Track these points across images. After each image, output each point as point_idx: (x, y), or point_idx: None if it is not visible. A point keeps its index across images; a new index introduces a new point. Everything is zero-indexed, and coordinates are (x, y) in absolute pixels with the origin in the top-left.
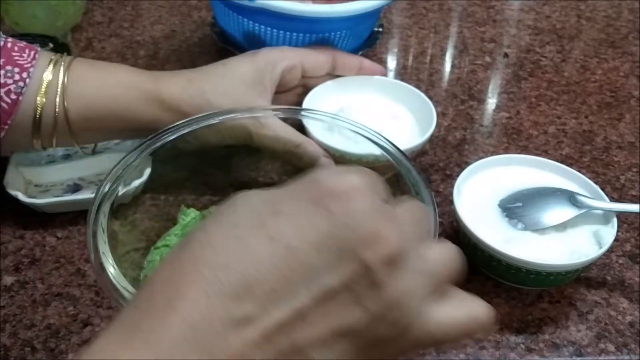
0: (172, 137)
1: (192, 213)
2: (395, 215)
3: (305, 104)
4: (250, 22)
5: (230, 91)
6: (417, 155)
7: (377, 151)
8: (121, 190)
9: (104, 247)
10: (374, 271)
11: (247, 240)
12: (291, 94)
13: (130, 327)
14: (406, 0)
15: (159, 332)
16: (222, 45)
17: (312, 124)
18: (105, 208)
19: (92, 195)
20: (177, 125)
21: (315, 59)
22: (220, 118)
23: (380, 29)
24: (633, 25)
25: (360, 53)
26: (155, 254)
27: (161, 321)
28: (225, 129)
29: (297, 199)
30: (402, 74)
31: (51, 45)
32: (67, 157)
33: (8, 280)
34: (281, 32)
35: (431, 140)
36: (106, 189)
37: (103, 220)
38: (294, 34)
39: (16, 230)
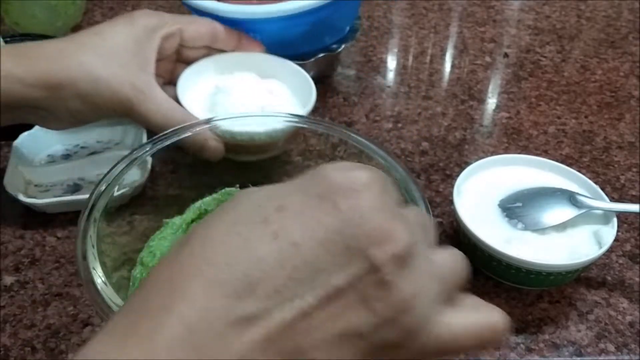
0: (173, 140)
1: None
2: (404, 215)
3: (179, 84)
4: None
5: (110, 62)
6: (418, 155)
7: (264, 129)
8: (116, 192)
9: (93, 252)
10: (382, 270)
11: (249, 237)
12: (165, 61)
13: (124, 328)
14: (406, 0)
15: (154, 334)
16: None
17: (189, 101)
18: (100, 207)
19: None
20: (178, 128)
21: (195, 29)
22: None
23: (355, 31)
24: (633, 25)
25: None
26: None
27: (156, 322)
28: (100, 98)
29: (302, 194)
30: (402, 74)
31: None
32: (67, 157)
33: (8, 280)
34: None
35: (431, 140)
36: (102, 188)
37: (94, 224)
38: None
39: (16, 230)
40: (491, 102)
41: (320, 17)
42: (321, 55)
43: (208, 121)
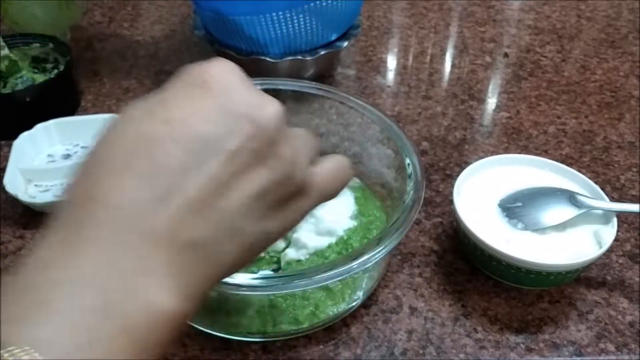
0: None
1: None
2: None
3: None
4: None
5: None
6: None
7: None
8: None
9: None
10: (268, 129)
11: (143, 129)
12: None
13: (61, 230)
14: (406, 0)
15: (86, 222)
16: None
17: None
18: None
19: None
20: None
21: None
22: None
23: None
24: (633, 25)
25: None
26: None
27: (86, 211)
28: None
29: (178, 88)
30: (402, 73)
31: (51, 45)
32: (67, 157)
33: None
34: None
35: (431, 140)
36: None
37: None
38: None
39: (16, 230)
40: (491, 102)
41: (322, 12)
42: (323, 52)
43: None
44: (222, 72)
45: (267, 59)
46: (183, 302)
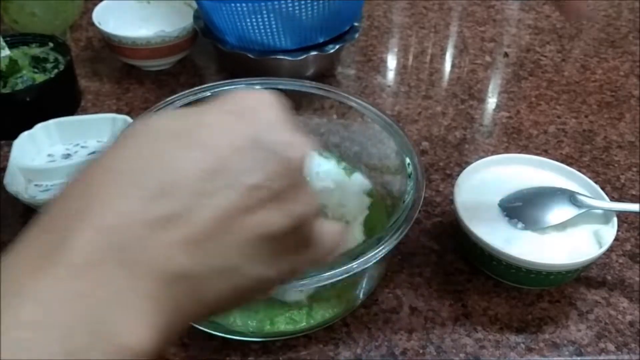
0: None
1: None
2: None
3: None
4: None
5: None
6: (418, 154)
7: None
8: None
9: None
10: (293, 172)
11: (163, 148)
12: None
13: (35, 247)
14: (406, 0)
15: (69, 247)
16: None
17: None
18: None
19: None
20: (178, 95)
21: None
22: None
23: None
24: (633, 24)
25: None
26: None
27: (71, 234)
28: None
29: (213, 113)
30: (402, 73)
31: (51, 45)
32: (67, 157)
33: None
34: None
35: (431, 139)
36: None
37: None
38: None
39: (16, 230)
40: (491, 101)
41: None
42: (313, 53)
43: None
44: (260, 103)
45: (268, 57)
46: (157, 339)
